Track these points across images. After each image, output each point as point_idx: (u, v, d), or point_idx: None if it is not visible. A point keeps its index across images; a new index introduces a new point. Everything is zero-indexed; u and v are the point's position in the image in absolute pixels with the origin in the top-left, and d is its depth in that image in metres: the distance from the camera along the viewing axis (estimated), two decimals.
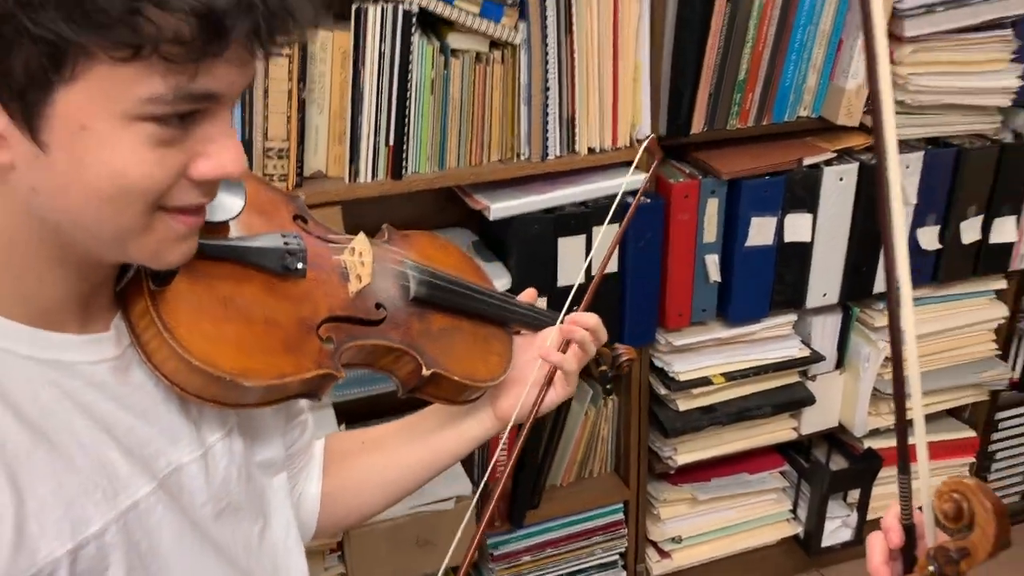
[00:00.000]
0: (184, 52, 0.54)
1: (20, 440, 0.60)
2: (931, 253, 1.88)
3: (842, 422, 2.05)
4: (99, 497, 0.63)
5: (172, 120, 0.57)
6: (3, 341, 0.62)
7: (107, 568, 0.64)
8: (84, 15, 0.51)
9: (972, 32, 1.69)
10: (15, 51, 0.53)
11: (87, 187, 0.58)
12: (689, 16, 1.57)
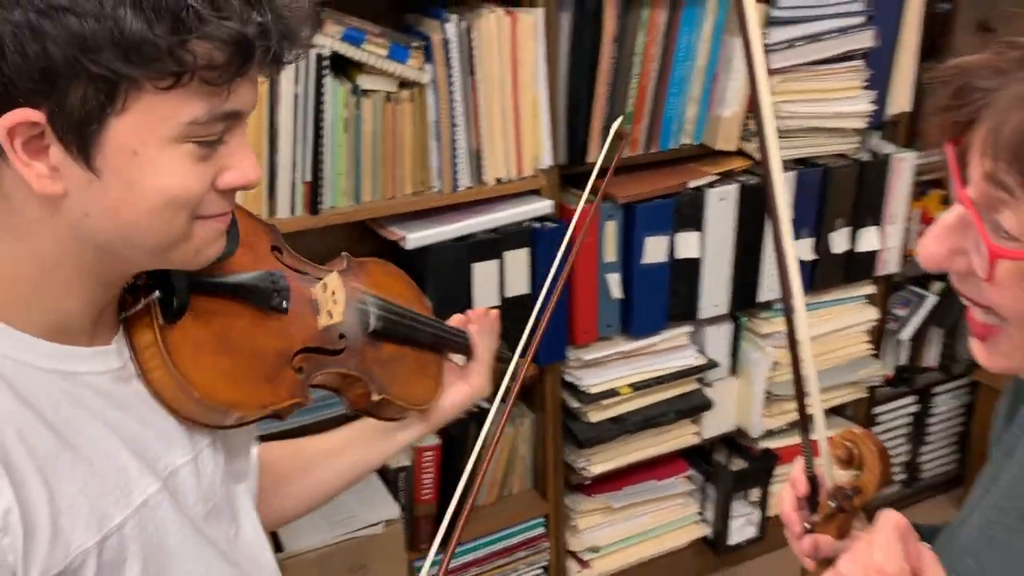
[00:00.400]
0: (219, 75, 0.61)
1: (48, 445, 0.65)
2: (806, 263, 2.07)
3: (739, 425, 2.21)
4: (117, 495, 0.69)
5: (208, 141, 0.64)
6: (26, 355, 0.67)
7: (126, 560, 0.69)
8: (138, 52, 0.58)
9: (829, 63, 1.90)
10: (72, 89, 0.59)
11: (138, 205, 0.64)
12: (580, 55, 1.71)
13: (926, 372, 2.54)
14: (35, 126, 0.61)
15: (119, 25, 0.58)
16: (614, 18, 1.70)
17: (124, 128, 0.61)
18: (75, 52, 0.58)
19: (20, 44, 0.58)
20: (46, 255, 0.66)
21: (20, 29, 0.58)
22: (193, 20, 0.59)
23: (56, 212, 0.64)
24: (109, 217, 0.65)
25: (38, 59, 0.58)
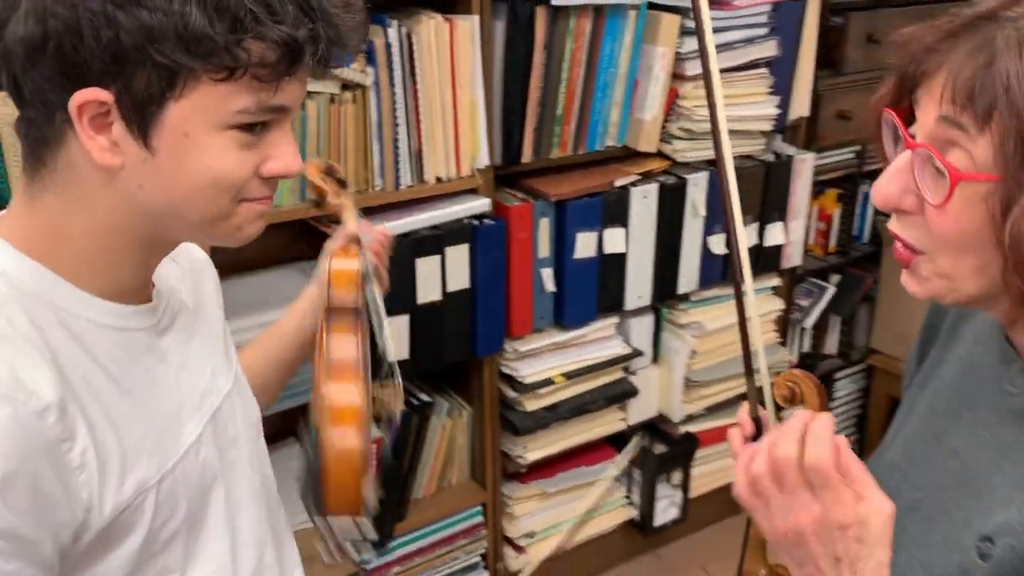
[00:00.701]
0: (269, 73, 0.67)
1: (111, 393, 0.72)
2: (720, 257, 2.23)
3: (661, 411, 2.35)
4: (170, 439, 0.76)
5: (253, 128, 0.70)
6: (88, 311, 0.73)
7: (178, 499, 0.76)
8: (198, 45, 0.64)
9: (738, 71, 2.07)
10: (138, 74, 0.65)
11: (187, 183, 0.70)
12: (514, 61, 1.82)
13: (827, 359, 2.75)
14: (102, 104, 0.67)
15: (184, 20, 0.64)
16: (544, 26, 1.81)
17: (179, 112, 0.68)
18: (143, 41, 0.64)
19: (96, 31, 0.64)
20: (105, 221, 0.72)
21: (97, 17, 0.64)
22: (250, 21, 0.65)
23: (113, 182, 0.70)
24: (160, 191, 0.71)
25: (110, 45, 0.64)
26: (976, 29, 0.64)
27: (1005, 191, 0.61)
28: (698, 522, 2.59)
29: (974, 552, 0.70)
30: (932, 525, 0.75)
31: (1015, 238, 0.61)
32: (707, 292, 2.28)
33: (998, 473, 0.71)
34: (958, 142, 0.63)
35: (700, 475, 2.49)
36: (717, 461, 2.52)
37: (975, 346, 0.80)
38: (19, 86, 0.69)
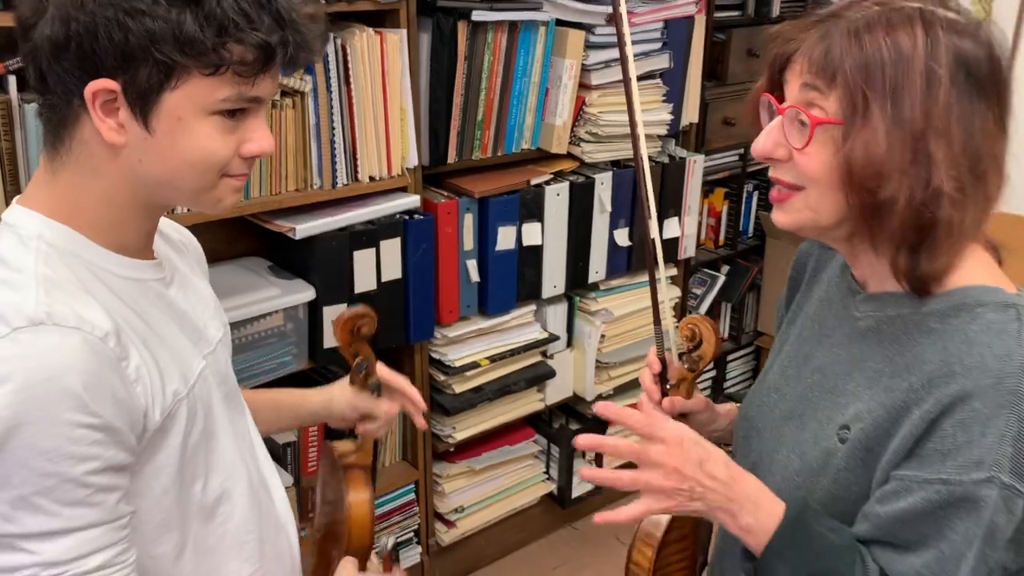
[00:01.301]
0: (247, 70, 0.83)
1: (141, 327, 0.87)
2: (624, 249, 2.47)
3: (576, 391, 2.56)
4: (185, 365, 0.92)
5: (233, 114, 0.85)
6: (110, 265, 0.87)
7: (197, 412, 0.92)
8: (191, 47, 0.79)
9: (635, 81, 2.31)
10: (141, 68, 0.80)
11: (179, 159, 0.84)
12: (438, 70, 2.01)
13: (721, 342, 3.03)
14: (111, 93, 0.81)
15: (180, 27, 0.79)
16: (465, 40, 2.01)
17: (174, 100, 0.83)
18: (147, 43, 0.79)
19: (109, 33, 0.79)
20: (113, 189, 0.86)
21: (110, 23, 0.79)
22: (233, 28, 0.81)
23: (118, 157, 0.85)
24: (156, 164, 0.85)
25: (121, 45, 0.79)
26: (823, 22, 0.87)
27: (845, 129, 0.84)
28: (611, 496, 2.81)
29: (835, 439, 0.92)
30: (803, 425, 0.97)
31: (848, 159, 0.83)
32: (614, 281, 2.52)
33: (851, 379, 0.94)
34: (815, 102, 0.86)
35: None
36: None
37: (829, 287, 1.03)
38: (44, 77, 0.83)
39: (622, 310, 2.52)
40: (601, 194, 2.36)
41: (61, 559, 0.78)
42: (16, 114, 1.53)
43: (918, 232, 0.85)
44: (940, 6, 0.87)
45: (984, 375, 0.81)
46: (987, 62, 0.85)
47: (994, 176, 0.87)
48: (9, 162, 1.55)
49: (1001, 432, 0.79)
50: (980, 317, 0.84)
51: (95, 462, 0.79)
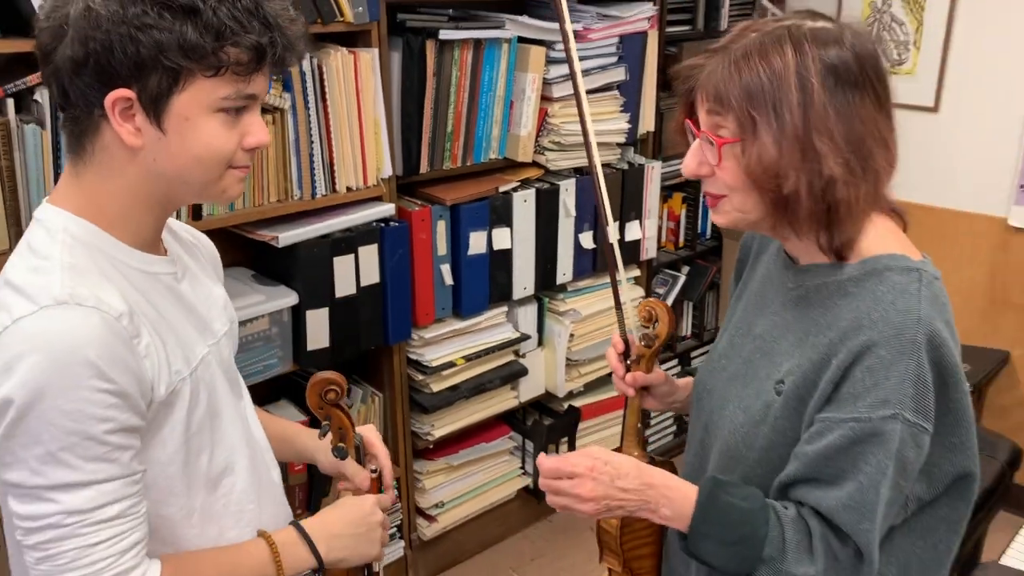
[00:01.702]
0: (243, 69, 0.94)
1: (152, 314, 0.98)
2: (589, 251, 2.60)
3: (547, 388, 2.69)
4: (189, 349, 1.03)
5: (233, 111, 0.97)
6: (128, 259, 0.99)
7: (200, 392, 1.03)
8: (193, 52, 0.91)
9: (595, 93, 2.46)
10: (153, 75, 0.91)
11: (189, 155, 0.95)
12: (409, 86, 2.13)
13: (683, 340, 3.18)
14: (128, 100, 0.93)
15: (183, 36, 0.91)
16: (433, 57, 2.14)
17: (182, 102, 0.94)
18: (156, 52, 0.91)
19: (123, 48, 0.90)
20: (131, 187, 0.97)
21: (123, 38, 0.90)
22: (228, 34, 0.93)
23: (135, 157, 0.96)
24: (169, 162, 0.96)
25: (133, 57, 0.91)
26: (713, 56, 1.01)
27: (742, 145, 0.98)
28: None
29: (773, 393, 1.05)
30: (747, 384, 1.11)
31: (748, 168, 0.98)
32: (581, 283, 2.65)
33: (784, 341, 1.08)
34: (720, 124, 1.00)
35: (584, 445, 2.84)
36: (599, 432, 2.89)
37: (769, 265, 1.17)
38: (66, 93, 0.94)
39: (589, 309, 2.66)
40: (566, 199, 2.49)
41: (82, 508, 0.90)
42: (15, 135, 1.62)
43: (825, 213, 0.99)
44: (807, 19, 1.01)
45: (888, 327, 0.95)
46: (854, 61, 0.98)
47: (881, 153, 1.00)
48: (9, 179, 1.64)
49: (902, 375, 0.93)
50: (887, 279, 0.99)
51: (112, 423, 0.90)
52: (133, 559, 0.94)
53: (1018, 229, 2.76)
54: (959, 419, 0.99)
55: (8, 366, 0.87)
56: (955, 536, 1.07)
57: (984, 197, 2.79)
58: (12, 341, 0.88)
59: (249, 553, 1.07)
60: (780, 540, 0.98)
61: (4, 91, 1.62)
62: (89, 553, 0.91)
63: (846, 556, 0.98)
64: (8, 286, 0.93)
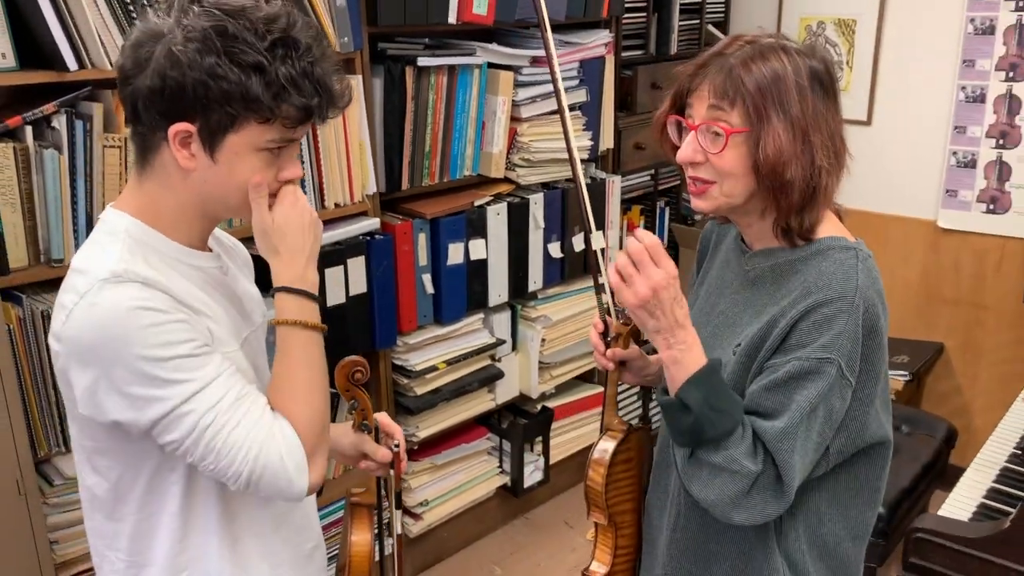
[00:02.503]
0: (291, 122, 1.09)
1: (204, 300, 1.13)
2: (558, 260, 2.79)
3: (522, 391, 2.86)
4: (235, 332, 1.18)
5: (275, 151, 1.12)
6: (178, 255, 1.14)
7: (247, 368, 1.18)
8: (253, 104, 1.06)
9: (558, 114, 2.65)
10: (213, 116, 1.06)
11: (234, 183, 1.10)
12: (391, 110, 2.31)
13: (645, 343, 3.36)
14: (188, 132, 1.08)
15: (247, 89, 1.06)
16: (412, 82, 2.32)
17: (234, 140, 1.09)
18: (221, 99, 1.06)
19: (194, 89, 1.05)
20: (184, 201, 1.13)
21: (196, 83, 1.05)
22: (285, 94, 1.08)
23: (188, 178, 1.11)
24: (216, 186, 1.12)
25: (201, 98, 1.06)
26: (715, 58, 1.19)
27: (754, 134, 1.15)
28: (559, 486, 3.11)
29: (731, 354, 1.24)
30: (711, 353, 1.28)
31: (763, 154, 1.14)
32: (550, 290, 2.84)
33: (744, 314, 1.26)
34: (721, 117, 1.18)
35: (557, 444, 3.02)
36: (570, 432, 3.06)
37: (727, 252, 1.36)
38: (138, 114, 1.09)
39: (559, 315, 2.84)
40: (535, 212, 2.68)
41: (212, 404, 1.06)
42: (33, 160, 1.76)
43: (810, 198, 1.18)
44: (784, 39, 1.21)
45: (831, 291, 1.14)
46: (826, 73, 1.19)
47: (844, 152, 1.21)
48: (27, 201, 1.77)
49: (841, 329, 1.12)
50: (830, 256, 1.18)
51: (194, 341, 1.07)
52: (268, 419, 1.10)
53: (946, 230, 3.03)
54: (874, 376, 1.17)
55: (88, 338, 1.03)
56: (877, 491, 1.26)
57: (915, 202, 3.05)
58: (84, 317, 1.03)
59: (292, 342, 1.15)
60: (741, 435, 1.14)
61: (23, 119, 1.76)
62: (238, 432, 1.07)
63: (772, 478, 1.14)
64: (74, 271, 1.09)
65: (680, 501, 1.31)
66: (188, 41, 1.04)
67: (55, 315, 1.08)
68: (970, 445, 2.81)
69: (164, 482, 1.15)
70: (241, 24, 1.05)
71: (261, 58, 1.05)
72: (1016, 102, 2.82)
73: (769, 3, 3.32)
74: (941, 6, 2.90)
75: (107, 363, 1.03)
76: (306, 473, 1.12)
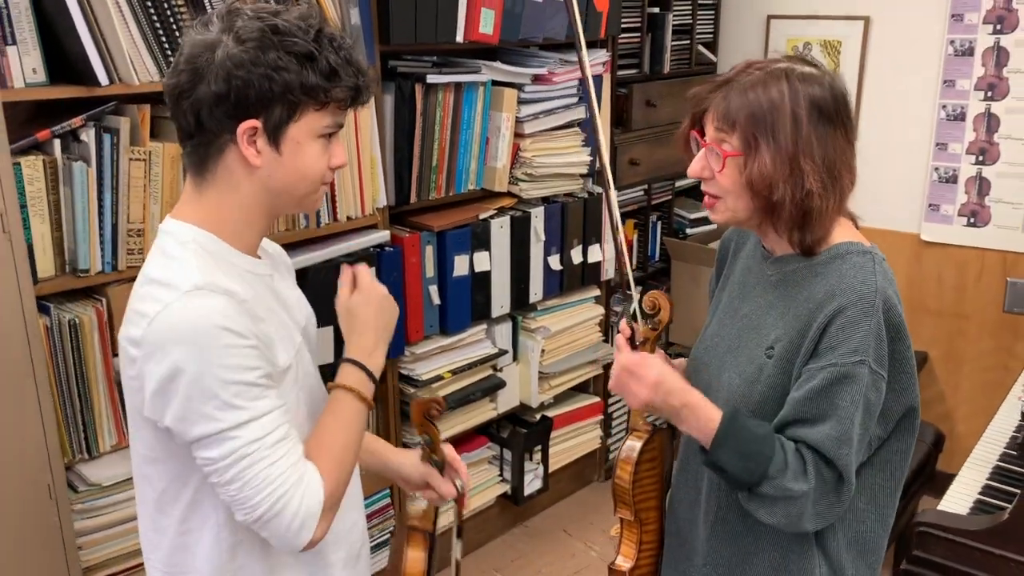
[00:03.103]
0: (341, 104, 1.17)
1: (262, 305, 1.18)
2: (557, 272, 2.86)
3: (522, 400, 2.92)
4: (290, 340, 1.23)
5: (327, 137, 1.18)
6: (239, 262, 1.19)
7: (299, 377, 1.23)
8: (311, 91, 1.12)
9: (560, 130, 2.74)
10: (276, 108, 1.12)
11: (298, 172, 1.16)
12: (401, 126, 2.37)
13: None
14: (254, 128, 1.14)
15: (304, 78, 1.13)
16: (421, 99, 2.38)
17: (296, 129, 1.15)
18: (283, 91, 1.12)
19: (259, 86, 1.11)
20: (248, 199, 1.18)
21: (260, 79, 1.11)
22: (335, 78, 1.15)
23: (253, 175, 1.16)
24: (281, 178, 1.17)
25: (265, 94, 1.12)
26: (724, 85, 1.28)
27: (745, 158, 1.24)
28: (557, 494, 3.17)
29: (764, 357, 1.31)
30: (740, 353, 1.36)
31: (749, 177, 1.23)
32: (550, 301, 2.91)
33: (769, 316, 1.34)
34: (724, 139, 1.26)
35: (556, 452, 3.08)
36: (568, 441, 3.12)
37: (748, 258, 1.44)
38: (201, 122, 1.14)
39: (558, 326, 2.91)
40: (536, 226, 2.75)
41: (258, 436, 1.10)
42: (61, 172, 1.80)
43: (802, 217, 1.26)
44: (799, 63, 1.29)
45: (853, 294, 1.22)
46: (832, 101, 1.27)
47: (847, 175, 1.29)
48: (55, 211, 1.81)
49: (867, 331, 1.20)
50: (848, 260, 1.26)
51: (259, 370, 1.11)
52: (302, 465, 1.14)
53: (929, 243, 3.14)
54: (903, 367, 1.26)
55: (170, 342, 1.07)
56: (905, 463, 1.34)
57: (899, 216, 3.17)
58: (168, 322, 1.08)
59: (342, 406, 1.22)
60: (783, 462, 1.22)
61: (52, 132, 1.80)
62: (273, 469, 1.11)
63: (831, 478, 1.23)
64: (153, 282, 1.13)
65: (719, 496, 1.38)
66: (245, 42, 1.11)
67: (132, 323, 1.13)
68: (955, 451, 2.91)
69: (207, 498, 1.19)
70: (287, 21, 1.13)
71: (311, 48, 1.12)
72: (994, 120, 2.95)
73: (757, 25, 3.44)
74: (922, 29, 3.03)
75: (181, 368, 1.08)
76: (313, 528, 1.15)
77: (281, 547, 1.17)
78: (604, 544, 2.99)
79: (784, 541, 1.33)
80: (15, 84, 1.72)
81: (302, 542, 1.15)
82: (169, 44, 1.86)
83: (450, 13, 2.36)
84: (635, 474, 1.50)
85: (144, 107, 1.88)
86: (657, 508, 1.55)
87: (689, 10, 3.33)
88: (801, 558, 1.33)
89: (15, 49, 1.72)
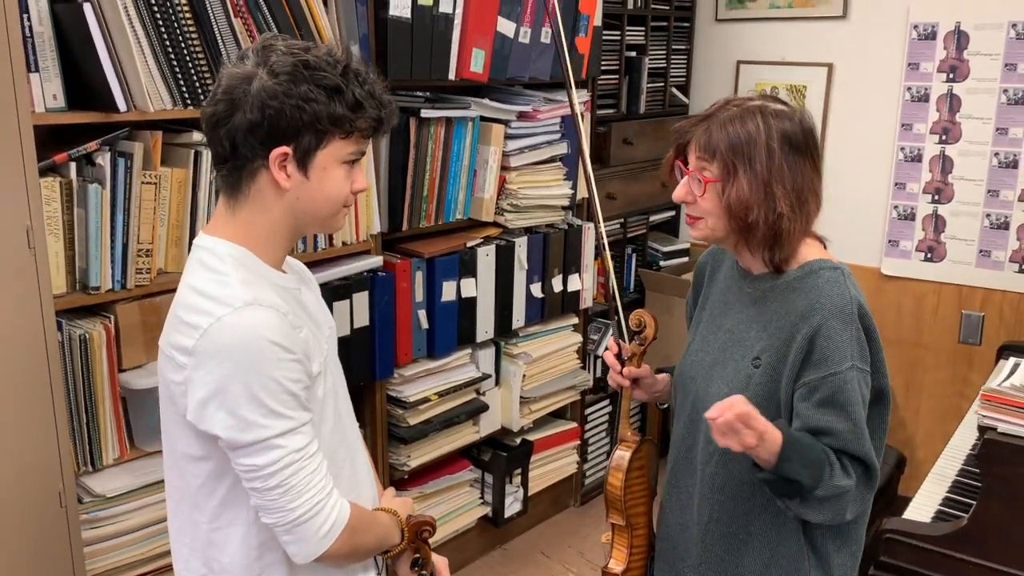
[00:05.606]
0: (365, 133, 1.27)
1: (295, 317, 1.26)
2: (538, 300, 2.98)
3: (504, 424, 3.01)
4: (319, 348, 1.31)
5: (351, 163, 1.29)
6: (270, 275, 1.27)
7: (324, 383, 1.31)
8: (338, 121, 1.23)
9: (543, 164, 2.87)
10: (305, 136, 1.22)
11: (324, 196, 1.26)
12: (395, 156, 2.49)
13: None
14: (285, 154, 1.24)
15: (332, 110, 1.23)
16: (415, 133, 2.51)
17: (323, 156, 1.25)
18: (312, 120, 1.22)
19: (291, 114, 1.21)
20: (277, 219, 1.28)
21: (293, 108, 1.21)
22: (360, 110, 1.26)
23: (282, 197, 1.26)
24: (307, 200, 1.27)
25: (296, 123, 1.22)
26: (705, 120, 1.42)
27: (723, 184, 1.38)
28: (536, 517, 3.25)
29: (751, 367, 1.43)
30: (725, 365, 1.48)
31: (727, 201, 1.37)
32: (531, 328, 3.02)
33: (751, 330, 1.46)
34: (705, 167, 1.40)
35: (535, 476, 3.16)
36: (548, 465, 3.21)
37: (727, 277, 1.57)
38: (236, 147, 1.23)
39: (539, 352, 3.02)
40: (520, 254, 2.87)
41: (301, 445, 1.19)
42: (76, 193, 1.88)
43: (773, 237, 1.40)
44: (772, 102, 1.44)
45: (833, 307, 1.36)
46: (801, 135, 1.41)
47: (813, 200, 1.43)
48: (68, 231, 1.89)
49: (850, 338, 1.35)
50: (822, 275, 1.40)
51: (302, 382, 1.20)
52: (331, 479, 1.24)
53: (889, 277, 3.32)
54: (877, 359, 1.40)
55: (222, 353, 1.16)
56: (879, 450, 1.47)
57: (861, 251, 3.34)
58: (221, 334, 1.17)
59: (385, 520, 1.36)
60: (830, 464, 1.34)
61: (68, 155, 1.89)
62: (313, 477, 1.20)
63: (861, 471, 1.37)
64: (201, 295, 1.21)
65: (712, 502, 1.49)
66: (278, 75, 1.21)
67: (182, 333, 1.21)
68: (914, 477, 3.05)
69: (241, 496, 1.27)
70: (317, 57, 1.24)
71: (339, 82, 1.23)
72: (949, 162, 3.14)
73: (726, 70, 3.63)
74: (882, 76, 3.24)
75: (232, 378, 1.16)
76: (335, 539, 1.24)
77: (298, 553, 1.25)
78: (581, 566, 3.07)
79: (774, 536, 1.45)
80: (36, 109, 1.81)
81: (322, 549, 1.24)
82: (182, 75, 1.96)
83: (443, 52, 2.50)
84: (625, 481, 1.60)
85: (156, 133, 1.98)
86: (646, 514, 1.65)
87: (664, 54, 3.51)
88: (790, 552, 1.44)
89: (38, 76, 1.81)
